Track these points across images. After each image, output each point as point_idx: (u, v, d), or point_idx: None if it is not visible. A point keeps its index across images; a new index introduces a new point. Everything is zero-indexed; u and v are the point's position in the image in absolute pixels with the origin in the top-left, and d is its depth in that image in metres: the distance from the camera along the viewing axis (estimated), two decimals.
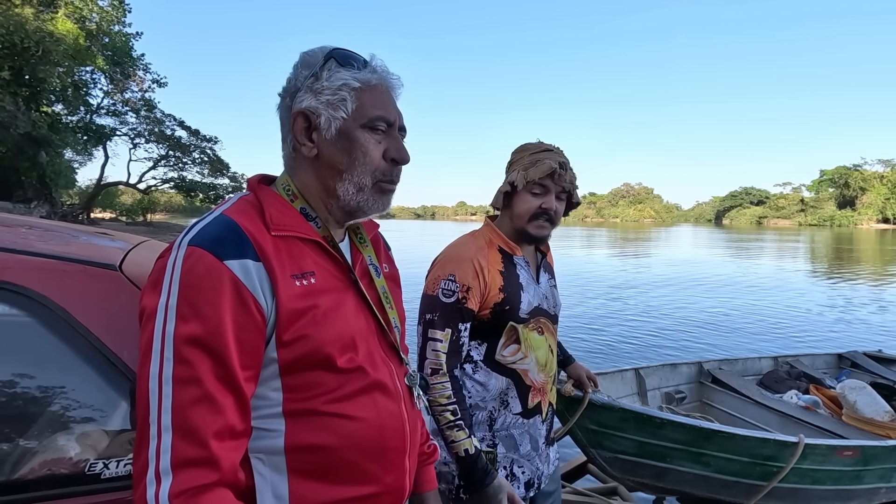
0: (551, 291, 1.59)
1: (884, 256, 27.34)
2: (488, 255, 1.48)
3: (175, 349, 0.70)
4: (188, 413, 0.69)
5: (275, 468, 0.78)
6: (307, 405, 0.79)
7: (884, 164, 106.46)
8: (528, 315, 1.47)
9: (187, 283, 0.71)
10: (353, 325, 0.84)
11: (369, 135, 0.85)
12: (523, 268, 1.52)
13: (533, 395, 1.48)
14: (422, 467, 1.12)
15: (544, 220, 1.48)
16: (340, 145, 0.85)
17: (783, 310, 10.71)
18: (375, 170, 0.86)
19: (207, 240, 0.74)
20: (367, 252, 0.96)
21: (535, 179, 1.45)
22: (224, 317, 0.71)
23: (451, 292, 1.40)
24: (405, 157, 0.89)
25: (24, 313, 0.92)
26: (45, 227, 1.30)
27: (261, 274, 0.75)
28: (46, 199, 26.07)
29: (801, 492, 2.97)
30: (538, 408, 1.49)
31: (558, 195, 1.49)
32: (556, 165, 1.44)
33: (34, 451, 0.92)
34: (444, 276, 1.43)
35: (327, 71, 0.84)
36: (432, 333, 1.39)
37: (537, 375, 1.48)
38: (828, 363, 4.73)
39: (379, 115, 0.85)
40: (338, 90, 0.84)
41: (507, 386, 1.45)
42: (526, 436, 1.48)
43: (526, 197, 1.48)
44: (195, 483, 0.67)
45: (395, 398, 0.87)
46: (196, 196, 33.32)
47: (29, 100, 22.82)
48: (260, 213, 0.82)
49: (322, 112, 0.84)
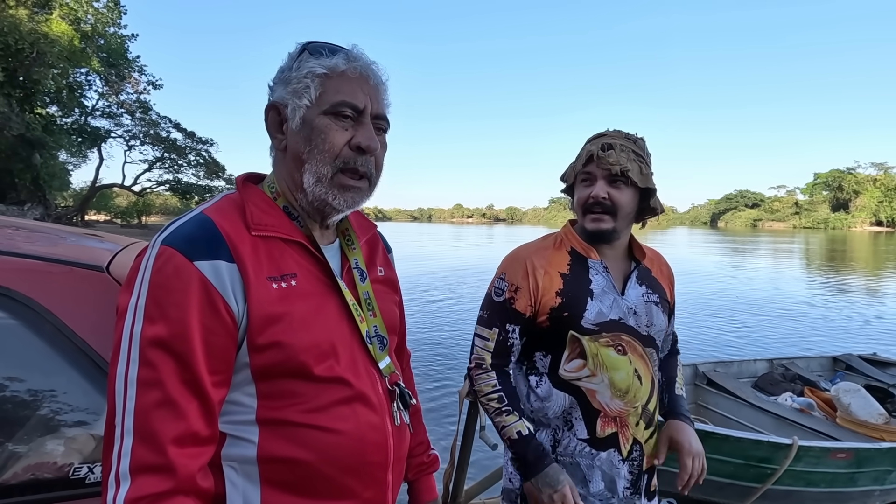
0: (646, 307, 1.34)
1: (877, 259, 27.49)
2: (551, 256, 1.35)
3: (141, 350, 0.68)
4: (149, 417, 0.67)
5: (247, 477, 0.76)
6: (281, 414, 0.76)
7: (877, 168, 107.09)
8: (595, 326, 1.28)
9: (156, 283, 0.70)
10: (335, 332, 0.81)
11: (331, 121, 0.80)
12: (600, 273, 1.34)
13: (603, 423, 1.28)
14: (422, 477, 1.10)
15: (599, 212, 1.30)
16: (303, 134, 0.81)
17: (778, 312, 10.74)
18: (336, 157, 0.80)
19: (180, 239, 0.72)
20: (353, 255, 0.93)
21: (579, 169, 1.34)
22: (191, 319, 0.69)
23: (501, 291, 1.35)
24: (372, 144, 0.81)
25: (9, 315, 0.91)
26: (33, 228, 1.28)
27: (233, 276, 0.73)
28: (40, 202, 25.92)
29: (795, 494, 2.97)
30: (613, 441, 1.29)
31: (612, 181, 1.29)
32: (596, 149, 1.29)
33: (18, 455, 0.90)
34: (498, 274, 1.39)
35: (297, 62, 0.82)
36: (479, 330, 1.37)
37: (611, 401, 1.28)
38: (822, 366, 4.75)
39: (343, 100, 0.80)
40: (303, 78, 0.80)
41: (571, 405, 1.29)
42: (597, 471, 1.29)
43: (579, 189, 1.36)
44: (151, 490, 0.66)
45: (377, 410, 0.83)
46: (191, 198, 33.21)
47: (23, 101, 22.71)
48: (241, 212, 0.80)
49: (288, 102, 0.81)
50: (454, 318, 9.21)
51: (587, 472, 1.29)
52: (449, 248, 32.33)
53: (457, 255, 25.54)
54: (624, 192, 1.30)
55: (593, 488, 1.29)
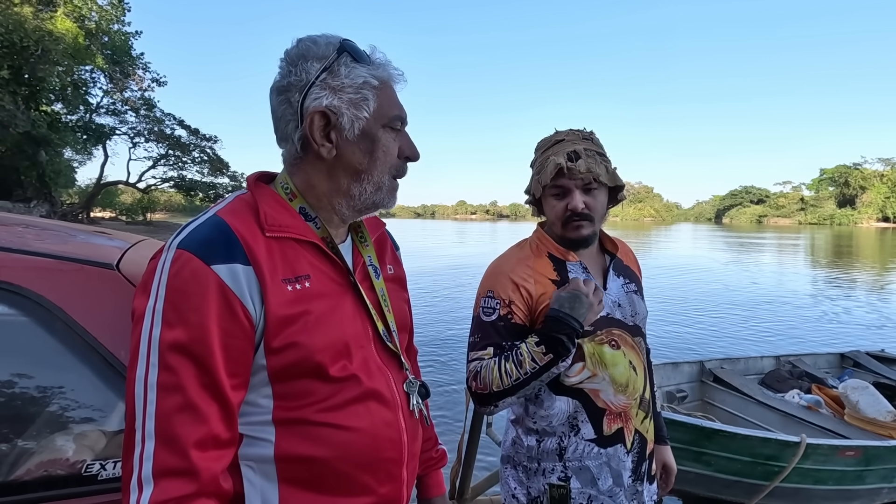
0: (628, 298, 1.36)
1: (885, 255, 27.33)
2: (535, 264, 1.34)
3: (160, 355, 0.69)
4: (171, 421, 0.68)
5: (265, 476, 0.77)
6: (298, 414, 0.77)
7: (884, 163, 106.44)
8: (590, 326, 1.27)
9: (173, 287, 0.70)
10: (349, 331, 0.82)
11: (390, 134, 0.84)
12: (579, 274, 1.34)
13: (609, 421, 1.28)
14: (430, 472, 1.10)
15: (578, 221, 1.30)
16: (363, 146, 0.82)
17: (785, 309, 10.71)
18: (392, 167, 0.86)
19: (196, 243, 0.72)
20: (367, 252, 0.93)
21: (547, 183, 1.31)
22: (210, 323, 0.70)
23: (492, 309, 1.30)
24: (417, 154, 0.89)
25: (21, 313, 0.91)
26: (43, 225, 1.28)
27: (250, 279, 0.73)
28: (46, 199, 26.09)
29: (802, 492, 2.97)
30: (619, 436, 1.29)
31: (585, 188, 1.30)
32: (563, 161, 1.28)
33: (31, 451, 0.90)
34: (483, 293, 1.33)
35: (344, 67, 0.80)
36: (472, 356, 1.29)
37: (614, 397, 1.28)
38: (830, 363, 4.73)
39: (397, 114, 0.84)
40: (360, 89, 0.80)
41: (575, 409, 1.28)
42: (605, 468, 1.28)
43: (550, 202, 1.34)
44: (175, 494, 0.67)
45: (391, 407, 0.84)
46: (196, 195, 33.37)
47: (28, 99, 22.83)
48: (255, 213, 0.79)
49: (344, 111, 0.80)
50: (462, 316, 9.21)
51: (596, 472, 1.29)
52: (451, 244, 32.34)
53: (461, 251, 25.54)
54: (598, 196, 1.32)
55: (602, 486, 1.28)
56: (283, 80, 0.81)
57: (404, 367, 0.91)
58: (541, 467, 1.30)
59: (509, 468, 1.37)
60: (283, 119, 0.82)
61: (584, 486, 1.28)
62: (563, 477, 1.28)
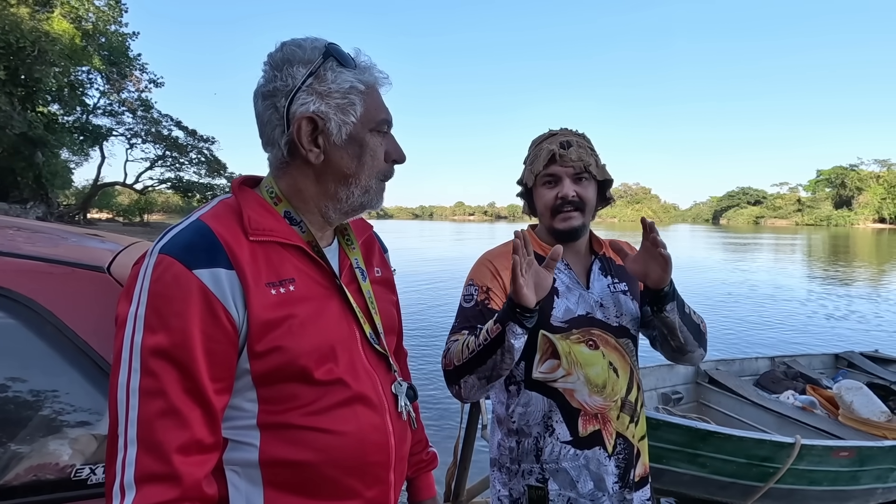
0: (613, 298, 1.36)
1: (880, 256, 27.42)
2: None
3: (142, 360, 0.68)
4: (153, 426, 0.68)
5: (250, 481, 0.76)
6: (283, 418, 0.76)
7: (880, 164, 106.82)
8: (564, 324, 1.29)
9: (155, 292, 0.70)
10: (334, 335, 0.81)
11: (377, 138, 0.85)
12: (562, 271, 1.36)
13: (585, 422, 1.28)
14: (420, 474, 1.10)
15: (569, 210, 1.32)
16: (351, 150, 0.83)
17: (780, 310, 10.73)
18: (379, 171, 0.87)
19: (178, 248, 0.72)
20: (353, 255, 0.93)
21: (539, 171, 1.34)
22: (192, 328, 0.69)
23: (471, 296, 1.33)
24: (404, 157, 0.90)
25: (9, 316, 0.91)
26: (34, 228, 1.28)
27: (233, 283, 0.73)
28: (43, 200, 26.00)
29: (797, 493, 2.97)
30: (596, 438, 1.28)
31: (576, 178, 1.32)
32: (556, 147, 1.31)
33: (20, 456, 0.90)
34: (466, 283, 1.38)
35: (331, 72, 0.80)
36: (450, 338, 1.30)
37: (589, 398, 1.28)
38: (824, 363, 4.74)
39: (384, 118, 0.85)
40: (347, 94, 0.80)
41: (550, 407, 1.29)
42: (584, 471, 1.27)
43: (541, 192, 1.36)
44: (157, 499, 0.67)
45: (378, 410, 0.84)
46: (193, 196, 33.28)
47: (25, 100, 22.77)
48: (238, 218, 0.79)
49: (332, 117, 0.80)
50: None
51: (574, 475, 1.28)
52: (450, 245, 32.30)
53: (459, 253, 25.53)
54: (588, 188, 1.34)
55: (582, 489, 1.28)
56: (268, 85, 0.81)
57: (392, 370, 0.91)
58: (521, 469, 1.31)
59: (496, 470, 1.38)
60: (269, 124, 0.82)
61: (563, 489, 1.27)
62: (540, 479, 1.29)
